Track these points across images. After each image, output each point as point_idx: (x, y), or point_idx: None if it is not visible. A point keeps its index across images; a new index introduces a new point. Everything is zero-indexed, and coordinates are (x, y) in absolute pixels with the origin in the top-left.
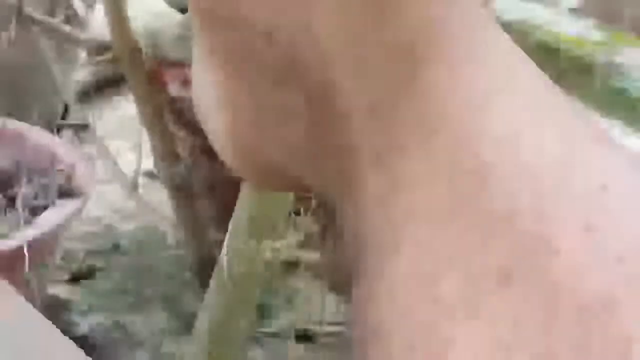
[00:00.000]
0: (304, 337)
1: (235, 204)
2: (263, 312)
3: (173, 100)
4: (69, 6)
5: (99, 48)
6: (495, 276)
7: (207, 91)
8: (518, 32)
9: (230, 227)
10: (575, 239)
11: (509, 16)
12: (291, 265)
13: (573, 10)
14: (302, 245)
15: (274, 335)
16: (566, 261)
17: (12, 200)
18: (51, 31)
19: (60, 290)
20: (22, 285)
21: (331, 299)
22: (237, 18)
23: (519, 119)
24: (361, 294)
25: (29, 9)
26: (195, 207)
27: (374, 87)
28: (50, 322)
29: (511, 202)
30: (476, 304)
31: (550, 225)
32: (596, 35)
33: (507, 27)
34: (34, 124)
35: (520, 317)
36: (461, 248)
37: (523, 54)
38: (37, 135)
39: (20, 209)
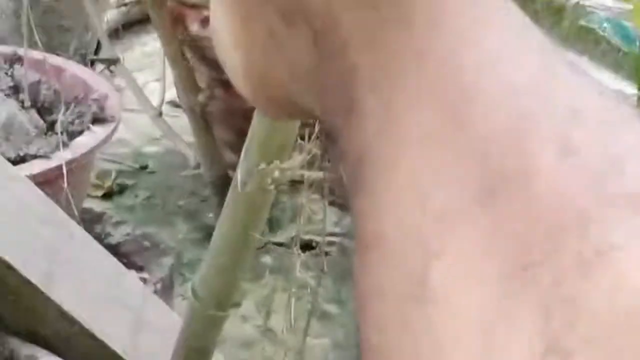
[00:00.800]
0: (307, 246)
1: (248, 130)
2: (272, 224)
3: (193, 39)
4: None
5: None
6: (480, 192)
7: (224, 32)
8: None
9: (243, 150)
10: (554, 158)
11: None
12: (297, 184)
13: None
14: (307, 166)
15: (281, 244)
16: (546, 180)
17: (52, 126)
18: None
19: (95, 205)
20: (61, 201)
21: (332, 213)
22: None
23: (501, 47)
24: (361, 206)
25: None
26: (213, 132)
27: (370, 20)
28: (87, 232)
29: (492, 122)
30: (462, 216)
31: (530, 144)
32: None
33: None
34: (70, 58)
35: (502, 229)
36: (449, 166)
37: None
38: (74, 68)
39: (59, 133)
